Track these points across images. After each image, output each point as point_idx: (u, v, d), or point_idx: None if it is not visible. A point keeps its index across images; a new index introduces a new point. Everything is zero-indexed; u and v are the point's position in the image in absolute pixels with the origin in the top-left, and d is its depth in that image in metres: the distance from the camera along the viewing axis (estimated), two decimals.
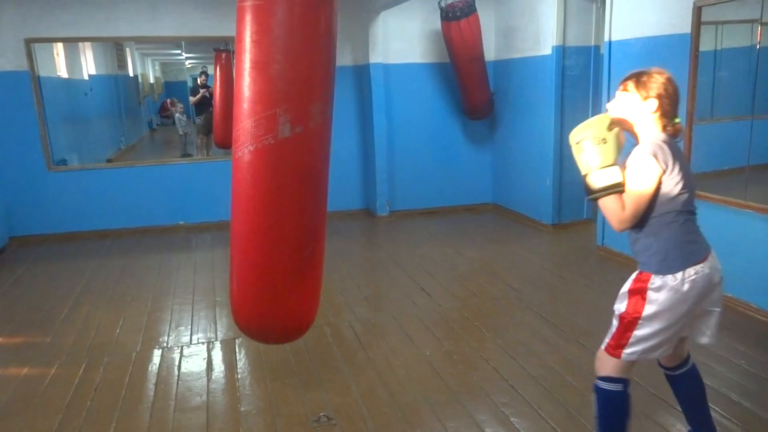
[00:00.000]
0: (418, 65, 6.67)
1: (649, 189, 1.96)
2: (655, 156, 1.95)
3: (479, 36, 6.09)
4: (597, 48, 5.72)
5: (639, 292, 2.04)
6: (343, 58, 6.55)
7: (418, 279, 4.67)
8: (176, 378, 3.22)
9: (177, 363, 3.40)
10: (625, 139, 2.07)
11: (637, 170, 1.97)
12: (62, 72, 7.53)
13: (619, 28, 4.65)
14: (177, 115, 10.95)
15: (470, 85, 6.29)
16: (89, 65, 8.99)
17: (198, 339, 3.72)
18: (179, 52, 12.39)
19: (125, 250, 5.81)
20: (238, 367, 3.34)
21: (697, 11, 3.89)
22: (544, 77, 5.77)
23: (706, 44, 4.02)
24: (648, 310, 2.01)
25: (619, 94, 2.08)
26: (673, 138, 2.04)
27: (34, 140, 5.93)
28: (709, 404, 2.73)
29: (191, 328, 3.88)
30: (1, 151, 5.84)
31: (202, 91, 9.70)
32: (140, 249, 5.83)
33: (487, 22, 6.44)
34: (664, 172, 1.95)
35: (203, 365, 3.37)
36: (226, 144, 9.32)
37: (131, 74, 11.92)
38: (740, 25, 4.23)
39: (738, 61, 4.31)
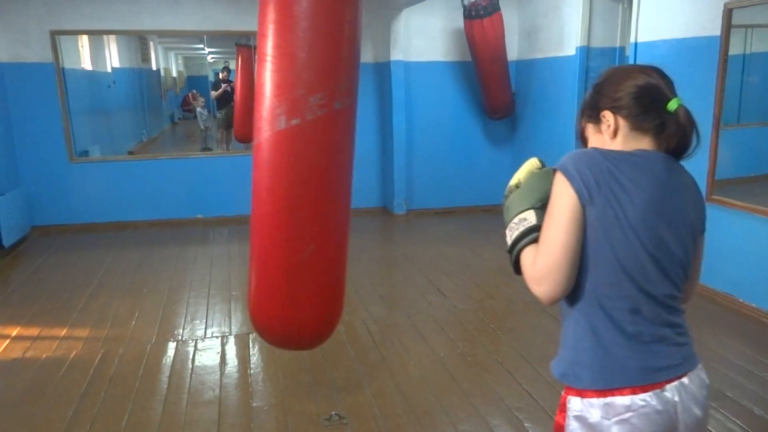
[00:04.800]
0: (439, 63, 6.63)
1: (560, 226, 1.20)
2: (567, 172, 1.21)
3: (502, 35, 6.02)
4: (622, 49, 5.61)
5: (561, 410, 1.32)
6: (364, 55, 6.49)
7: (434, 279, 4.64)
8: (190, 371, 3.23)
9: (191, 356, 3.41)
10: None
11: (551, 199, 1.25)
12: (86, 64, 7.62)
13: (646, 30, 4.56)
14: (198, 109, 11.03)
15: (491, 84, 6.23)
16: (113, 58, 9.09)
17: (212, 333, 3.73)
18: (201, 46, 12.47)
19: (143, 242, 5.85)
20: (252, 362, 3.34)
21: (728, 13, 3.80)
22: (567, 78, 5.69)
23: (735, 47, 3.93)
24: None
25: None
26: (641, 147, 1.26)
27: (57, 132, 5.99)
28: (731, 417, 2.68)
29: (206, 322, 3.89)
30: (24, 141, 5.91)
31: (223, 85, 9.75)
32: (158, 241, 5.87)
33: (511, 22, 6.37)
34: (584, 203, 1.19)
35: (217, 359, 3.38)
36: (246, 138, 9.41)
37: (154, 68, 12.05)
38: None
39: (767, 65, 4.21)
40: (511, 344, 3.49)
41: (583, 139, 1.38)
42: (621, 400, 1.21)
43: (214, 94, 9.96)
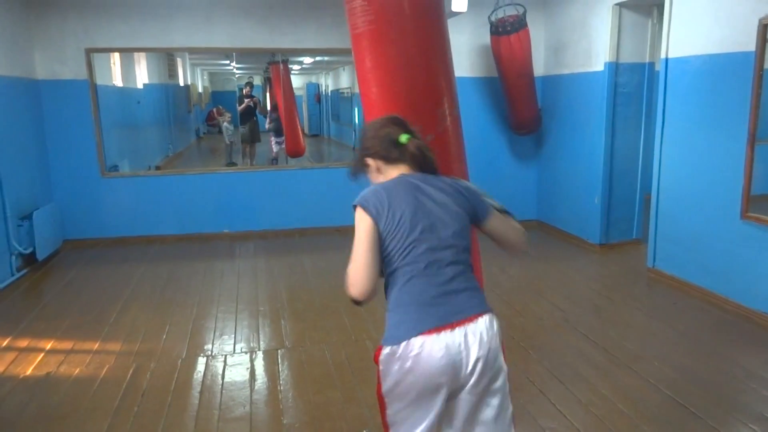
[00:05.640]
0: (465, 79, 6.62)
1: (361, 242, 1.67)
2: (363, 204, 1.70)
3: (529, 51, 6.01)
4: (652, 65, 5.58)
5: (378, 366, 1.73)
6: None
7: None
8: (220, 387, 3.24)
9: (221, 372, 3.43)
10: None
11: (355, 226, 1.71)
12: (117, 81, 7.78)
13: (677, 45, 4.52)
14: (225, 124, 11.17)
15: (518, 100, 6.22)
16: (143, 74, 9.27)
17: (241, 348, 3.74)
18: (228, 62, 12.63)
19: (172, 256, 5.92)
20: (281, 378, 3.35)
21: (763, 28, 3.75)
22: (595, 94, 5.66)
23: None
24: (385, 386, 1.70)
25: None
26: (407, 172, 1.77)
27: (90, 147, 6.11)
28: None
29: (235, 337, 3.91)
30: (58, 156, 6.04)
31: (246, 100, 9.90)
32: (186, 256, 5.94)
33: (537, 37, 6.36)
34: (377, 220, 1.68)
35: (246, 375, 3.39)
36: (298, 153, 9.48)
37: (181, 83, 12.23)
38: None
39: None
40: (541, 363, 3.44)
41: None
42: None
43: (239, 108, 10.10)
